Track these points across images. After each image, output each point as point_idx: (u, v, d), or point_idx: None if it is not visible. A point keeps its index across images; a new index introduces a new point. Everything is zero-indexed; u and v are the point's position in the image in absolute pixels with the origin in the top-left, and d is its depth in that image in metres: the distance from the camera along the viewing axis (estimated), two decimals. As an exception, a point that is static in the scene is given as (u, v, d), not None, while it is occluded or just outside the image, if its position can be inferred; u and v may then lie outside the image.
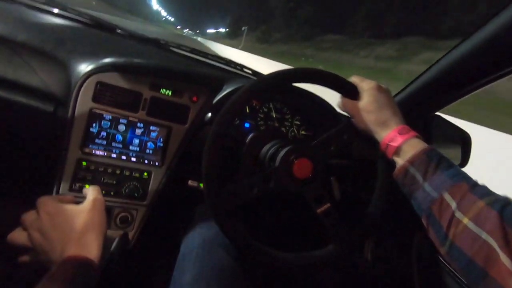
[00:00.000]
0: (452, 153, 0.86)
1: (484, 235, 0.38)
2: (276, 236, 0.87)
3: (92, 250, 0.42)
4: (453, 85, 0.76)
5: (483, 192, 0.42)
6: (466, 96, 0.76)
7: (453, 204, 0.42)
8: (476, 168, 0.81)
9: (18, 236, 0.45)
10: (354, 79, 0.59)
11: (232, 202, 0.54)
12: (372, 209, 0.62)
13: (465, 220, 0.40)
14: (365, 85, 0.57)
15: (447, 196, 0.43)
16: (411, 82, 0.85)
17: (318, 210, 0.59)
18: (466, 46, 0.69)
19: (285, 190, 0.58)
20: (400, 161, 0.50)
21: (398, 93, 0.91)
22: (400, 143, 0.50)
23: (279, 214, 0.94)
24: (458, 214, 0.41)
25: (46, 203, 0.46)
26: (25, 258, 0.45)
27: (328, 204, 0.60)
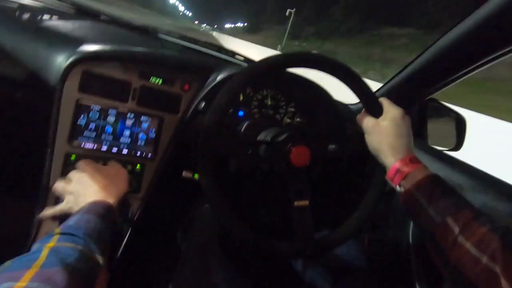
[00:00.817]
0: (447, 136, 0.86)
1: (485, 260, 0.38)
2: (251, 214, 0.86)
3: (113, 199, 0.52)
4: (449, 68, 0.76)
5: (486, 219, 0.43)
6: (462, 79, 0.76)
7: (456, 229, 0.43)
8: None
9: (64, 184, 0.55)
10: (382, 100, 0.60)
11: (225, 149, 0.56)
12: (355, 219, 0.61)
13: (467, 245, 0.41)
14: (392, 109, 0.58)
15: (450, 221, 0.44)
16: (406, 66, 0.84)
17: (296, 204, 0.59)
18: (461, 29, 0.68)
19: (272, 171, 0.58)
20: (406, 185, 0.51)
21: (393, 77, 0.90)
22: (410, 171, 0.51)
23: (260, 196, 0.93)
24: (460, 239, 0.42)
25: (85, 163, 0.58)
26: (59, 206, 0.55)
27: (307, 202, 0.59)
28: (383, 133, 0.56)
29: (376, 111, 0.59)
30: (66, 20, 0.84)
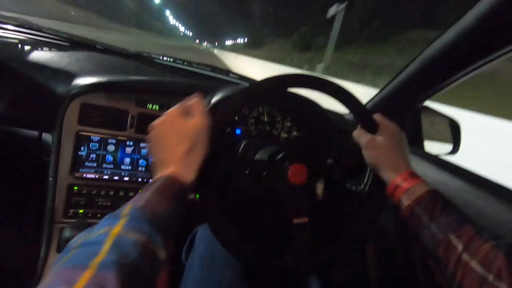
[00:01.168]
0: (443, 141, 0.87)
1: (491, 278, 0.38)
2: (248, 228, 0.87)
3: (191, 174, 0.46)
4: (439, 75, 0.77)
5: (489, 235, 0.42)
6: (452, 85, 0.77)
7: (460, 247, 0.42)
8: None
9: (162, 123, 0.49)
10: (376, 116, 0.61)
11: (224, 170, 0.57)
12: (352, 233, 0.61)
13: (473, 263, 0.40)
14: (387, 125, 0.59)
15: (453, 238, 0.43)
16: (397, 75, 0.86)
17: (295, 221, 0.59)
18: (450, 35, 0.69)
19: (271, 190, 0.59)
20: (407, 201, 0.51)
21: (385, 86, 0.91)
22: (410, 186, 0.52)
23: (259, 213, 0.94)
24: (465, 257, 0.41)
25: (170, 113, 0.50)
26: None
27: (306, 218, 0.60)
28: (380, 149, 0.57)
29: (371, 127, 0.60)
30: (63, 52, 0.86)
